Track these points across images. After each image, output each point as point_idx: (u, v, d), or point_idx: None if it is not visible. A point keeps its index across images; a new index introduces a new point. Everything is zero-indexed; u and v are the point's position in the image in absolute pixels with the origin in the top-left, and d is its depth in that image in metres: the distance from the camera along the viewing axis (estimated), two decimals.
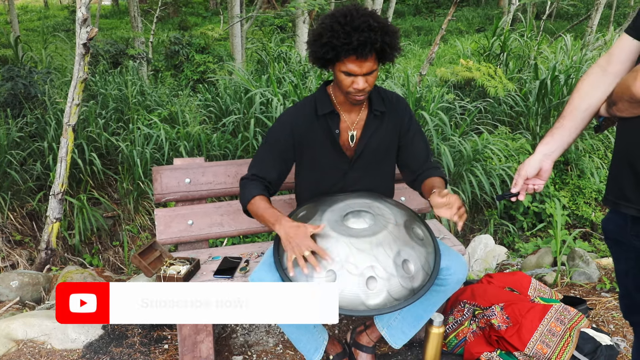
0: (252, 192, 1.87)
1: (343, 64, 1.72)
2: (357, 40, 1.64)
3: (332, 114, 1.92)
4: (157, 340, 2.33)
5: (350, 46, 1.65)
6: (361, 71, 1.72)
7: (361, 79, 1.74)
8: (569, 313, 2.19)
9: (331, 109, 1.91)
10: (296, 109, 1.96)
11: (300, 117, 1.93)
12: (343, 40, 1.66)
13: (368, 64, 1.72)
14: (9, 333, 2.26)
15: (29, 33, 13.73)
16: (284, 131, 1.93)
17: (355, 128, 1.95)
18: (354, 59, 1.70)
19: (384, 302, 1.62)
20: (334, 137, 1.92)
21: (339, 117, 1.93)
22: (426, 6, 21.09)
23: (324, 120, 1.92)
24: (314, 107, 1.93)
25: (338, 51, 1.68)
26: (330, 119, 1.92)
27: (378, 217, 1.75)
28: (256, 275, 1.77)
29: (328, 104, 1.91)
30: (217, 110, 5.39)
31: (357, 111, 1.95)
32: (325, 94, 1.94)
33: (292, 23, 9.41)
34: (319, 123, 1.92)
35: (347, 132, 1.95)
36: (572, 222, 4.58)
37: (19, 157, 4.33)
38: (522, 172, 1.54)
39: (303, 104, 1.97)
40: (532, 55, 6.66)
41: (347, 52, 1.67)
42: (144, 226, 4.42)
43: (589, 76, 1.43)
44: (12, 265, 3.87)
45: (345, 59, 1.70)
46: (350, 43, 1.65)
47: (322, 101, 1.92)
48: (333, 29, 1.67)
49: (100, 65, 6.56)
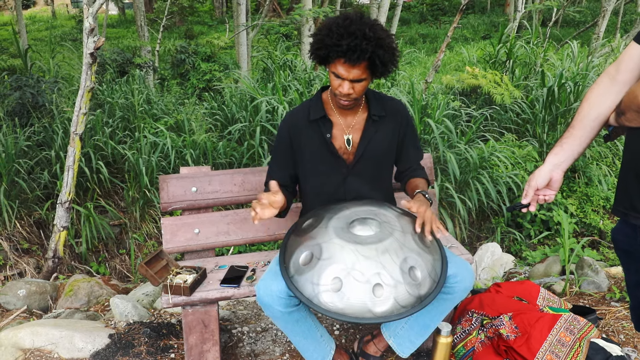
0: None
1: (334, 64, 1.77)
2: (346, 45, 1.68)
3: (324, 119, 1.96)
4: (163, 349, 2.33)
5: (340, 49, 1.70)
6: (348, 76, 1.76)
7: (347, 84, 1.78)
8: (578, 323, 2.17)
9: (323, 114, 1.95)
10: (292, 114, 2.01)
11: (294, 120, 1.99)
12: (335, 42, 1.70)
13: (356, 71, 1.75)
14: (16, 342, 2.26)
15: (37, 43, 13.88)
16: (282, 135, 2.00)
17: (351, 132, 1.97)
18: (342, 62, 1.74)
19: (390, 310, 1.61)
20: (326, 141, 1.95)
21: (331, 122, 1.96)
22: (432, 14, 21.16)
23: (316, 125, 1.96)
24: (308, 112, 1.97)
25: (329, 51, 1.73)
26: (322, 124, 1.96)
27: (384, 224, 1.75)
28: (262, 284, 1.76)
29: (320, 109, 1.96)
30: (223, 118, 5.41)
31: (352, 114, 1.97)
32: (319, 100, 1.99)
33: (297, 31, 9.45)
34: (311, 128, 1.96)
35: (342, 136, 1.97)
36: (580, 230, 4.55)
37: (27, 165, 4.36)
38: (533, 182, 1.52)
39: (299, 109, 2.02)
40: (539, 62, 6.65)
41: (337, 53, 1.72)
42: (150, 234, 4.43)
43: (598, 85, 1.42)
44: (19, 273, 3.88)
45: (335, 60, 1.75)
46: (340, 45, 1.69)
47: (315, 106, 1.97)
48: (330, 29, 1.72)
49: (107, 74, 6.62)
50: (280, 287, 1.72)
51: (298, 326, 1.84)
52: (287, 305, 1.73)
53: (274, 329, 2.55)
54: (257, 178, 2.36)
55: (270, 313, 1.77)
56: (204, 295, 1.98)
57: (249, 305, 2.83)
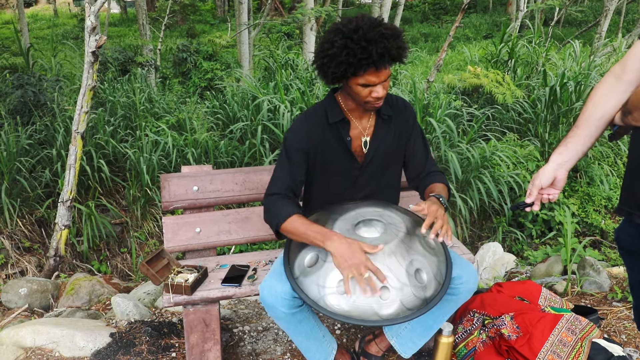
0: (288, 211, 1.80)
1: (361, 77, 1.70)
2: (376, 54, 1.62)
3: (343, 121, 1.91)
4: (164, 348, 2.32)
5: (370, 60, 1.63)
6: (379, 80, 1.71)
7: (380, 87, 1.73)
8: (580, 323, 2.16)
9: (342, 116, 1.90)
10: (307, 117, 1.93)
11: (312, 124, 1.91)
12: (361, 56, 1.63)
13: (386, 72, 1.71)
14: (17, 340, 2.26)
15: (38, 41, 13.89)
16: (300, 140, 1.89)
17: (368, 134, 1.95)
18: (373, 71, 1.68)
19: (397, 312, 1.60)
20: (346, 144, 1.91)
21: (349, 124, 1.92)
22: (433, 13, 21.13)
23: (335, 128, 1.91)
24: (325, 115, 1.91)
25: (356, 67, 1.66)
26: (341, 127, 1.91)
27: (389, 225, 1.74)
28: (266, 284, 1.75)
29: (338, 112, 1.90)
30: (225, 117, 5.41)
31: (367, 117, 1.94)
32: (335, 102, 1.92)
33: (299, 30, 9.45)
34: (330, 131, 1.91)
35: (360, 138, 1.94)
36: (582, 230, 4.54)
37: (28, 164, 4.36)
38: (537, 182, 1.52)
39: (313, 112, 1.94)
40: (541, 61, 6.64)
41: (367, 66, 1.65)
42: (152, 233, 4.43)
43: (603, 84, 1.41)
44: (21, 272, 3.89)
45: (364, 73, 1.68)
46: (370, 57, 1.63)
47: (332, 109, 1.91)
48: (347, 47, 1.64)
49: (108, 73, 6.62)
50: (284, 289, 1.71)
51: (301, 327, 1.84)
52: (291, 307, 1.72)
53: (275, 328, 2.55)
54: (258, 177, 2.36)
55: (274, 314, 1.76)
56: (205, 295, 1.98)
57: (250, 305, 2.83)
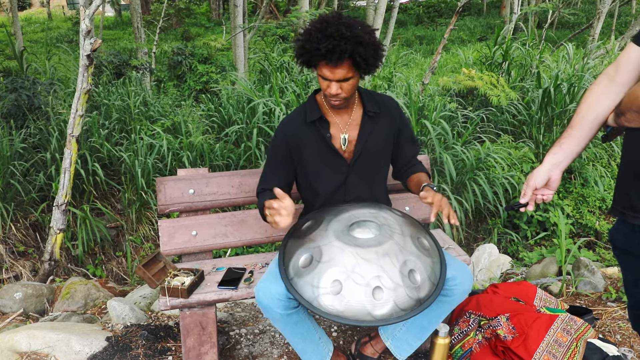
0: (265, 197, 1.91)
1: (319, 68, 1.80)
2: (324, 47, 1.70)
3: (321, 119, 1.97)
4: (161, 351, 2.32)
5: (319, 52, 1.72)
6: (333, 77, 1.78)
7: (334, 85, 1.80)
8: (575, 323, 2.17)
9: (319, 115, 1.96)
10: (288, 119, 2.03)
11: (292, 126, 2.00)
12: (314, 46, 1.72)
13: (341, 71, 1.77)
14: (12, 345, 2.25)
15: (32, 44, 13.83)
16: (279, 142, 2.01)
17: (347, 130, 1.98)
18: (325, 64, 1.77)
19: (390, 313, 1.61)
20: (326, 141, 1.96)
21: (328, 122, 1.98)
22: (428, 16, 21.23)
23: (314, 127, 1.97)
24: (304, 115, 1.99)
25: (310, 55, 1.76)
26: (320, 125, 1.97)
27: (384, 227, 1.75)
28: (262, 285, 1.76)
29: (317, 111, 1.97)
30: (220, 120, 5.41)
31: (347, 113, 1.99)
32: (314, 102, 2.01)
33: (294, 33, 9.45)
34: (310, 130, 1.98)
35: (339, 134, 1.99)
36: (576, 231, 4.56)
37: (22, 168, 4.34)
38: (531, 182, 1.53)
39: (295, 113, 2.03)
40: (534, 64, 6.67)
41: (318, 57, 1.75)
42: (147, 236, 4.42)
43: (596, 86, 1.42)
44: (15, 276, 3.87)
45: (318, 63, 1.78)
46: (319, 49, 1.72)
47: (311, 108, 1.99)
48: (309, 34, 1.75)
49: (103, 76, 6.60)
50: (279, 290, 1.72)
51: (297, 328, 1.84)
52: (286, 308, 1.73)
53: (271, 331, 2.55)
54: (254, 180, 2.36)
55: (269, 315, 1.77)
56: (201, 298, 1.98)
57: (247, 308, 2.83)
